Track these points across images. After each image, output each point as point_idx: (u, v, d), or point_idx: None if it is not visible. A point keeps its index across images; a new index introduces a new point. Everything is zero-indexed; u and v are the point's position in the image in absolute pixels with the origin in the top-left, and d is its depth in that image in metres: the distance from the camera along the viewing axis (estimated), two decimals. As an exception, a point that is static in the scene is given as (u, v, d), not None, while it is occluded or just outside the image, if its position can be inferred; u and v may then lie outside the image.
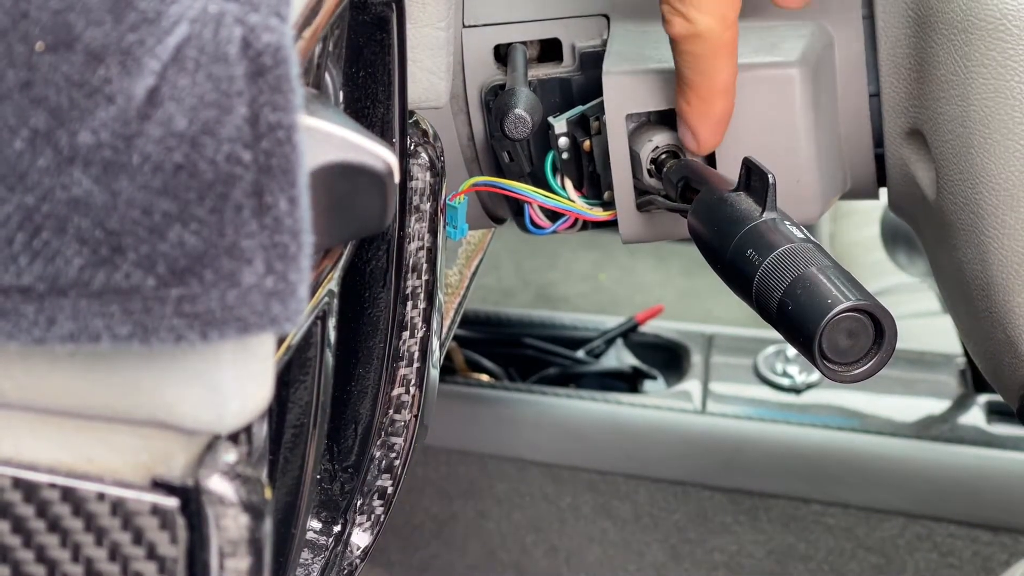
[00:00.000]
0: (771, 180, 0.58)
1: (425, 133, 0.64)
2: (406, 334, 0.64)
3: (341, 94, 0.58)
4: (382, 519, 0.65)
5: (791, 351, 1.28)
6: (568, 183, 0.72)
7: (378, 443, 0.65)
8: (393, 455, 0.65)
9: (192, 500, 0.41)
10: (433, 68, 0.63)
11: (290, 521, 0.58)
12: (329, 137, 0.42)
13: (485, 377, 1.32)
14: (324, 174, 0.42)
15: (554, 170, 0.72)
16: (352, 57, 0.59)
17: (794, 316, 0.54)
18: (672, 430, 1.23)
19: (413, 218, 0.64)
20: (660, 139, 0.68)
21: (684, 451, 1.22)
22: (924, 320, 1.39)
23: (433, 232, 0.64)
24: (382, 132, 0.60)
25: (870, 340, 0.54)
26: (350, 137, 0.42)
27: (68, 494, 0.41)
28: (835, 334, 0.53)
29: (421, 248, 0.64)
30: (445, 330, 0.78)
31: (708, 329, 1.36)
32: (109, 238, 0.36)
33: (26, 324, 0.37)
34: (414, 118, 0.64)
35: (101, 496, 0.41)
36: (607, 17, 0.72)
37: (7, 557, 0.41)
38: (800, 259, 0.55)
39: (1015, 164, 0.65)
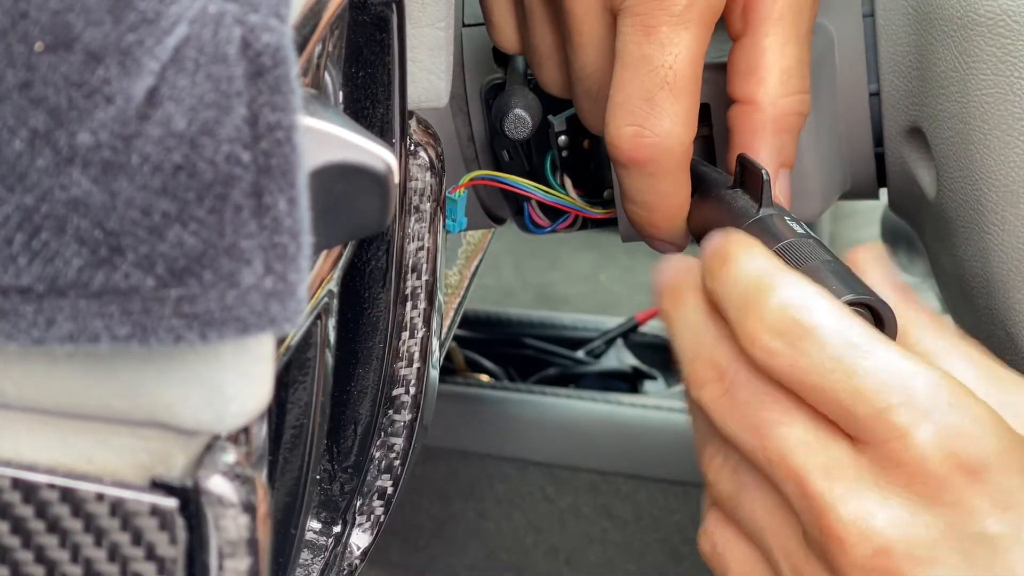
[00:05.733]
0: (765, 176, 0.58)
1: (425, 133, 0.64)
2: (406, 334, 0.64)
3: (341, 94, 0.58)
4: (382, 519, 0.65)
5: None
6: (568, 181, 0.72)
7: (378, 443, 0.65)
8: (393, 455, 0.65)
9: (191, 501, 0.41)
10: (433, 68, 0.63)
11: (290, 521, 0.58)
12: (328, 137, 0.42)
13: (485, 377, 1.32)
14: (323, 174, 0.42)
15: (554, 168, 0.72)
16: (352, 57, 0.59)
17: None
18: (672, 430, 1.23)
19: (413, 218, 0.64)
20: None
21: (684, 451, 1.22)
22: (924, 320, 1.39)
23: (433, 232, 0.64)
24: (382, 132, 0.60)
25: None
26: (350, 137, 0.42)
27: (67, 495, 0.41)
28: None
29: (421, 248, 0.64)
30: (445, 330, 0.78)
31: (708, 329, 1.36)
32: (108, 238, 0.36)
33: (25, 325, 0.37)
34: (414, 118, 0.64)
35: (100, 497, 0.41)
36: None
37: (6, 558, 0.41)
38: (799, 254, 0.55)
39: (1015, 160, 0.65)
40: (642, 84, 0.60)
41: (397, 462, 0.65)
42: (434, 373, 0.67)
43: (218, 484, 0.41)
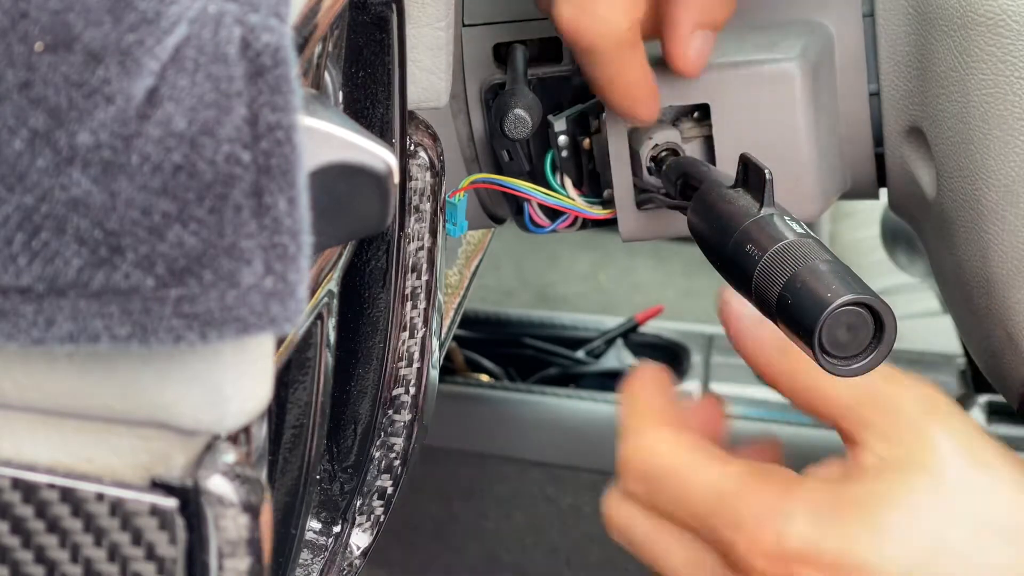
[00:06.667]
0: (768, 176, 0.58)
1: (425, 133, 0.64)
2: (405, 334, 0.64)
3: (341, 94, 0.58)
4: (382, 519, 0.65)
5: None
6: (568, 181, 0.72)
7: (378, 443, 0.65)
8: (393, 455, 0.65)
9: (191, 500, 0.41)
10: (433, 68, 0.63)
11: (290, 521, 0.58)
12: (328, 137, 0.42)
13: (485, 377, 1.32)
14: (323, 174, 0.42)
15: (554, 168, 0.72)
16: (352, 57, 0.59)
17: (794, 310, 0.54)
18: (672, 430, 1.22)
19: (413, 218, 0.64)
20: (660, 137, 0.68)
21: (684, 451, 1.22)
22: (924, 320, 1.39)
23: (433, 232, 0.64)
24: (382, 132, 0.60)
25: (870, 334, 0.54)
26: (350, 137, 0.42)
27: (67, 494, 0.41)
28: (835, 328, 0.53)
29: (421, 248, 0.64)
30: (445, 330, 0.78)
31: (708, 329, 1.36)
32: (108, 238, 0.36)
33: (25, 325, 0.37)
34: (414, 118, 0.64)
35: (100, 496, 0.41)
36: (606, 16, 0.72)
37: (6, 557, 0.41)
38: (799, 254, 0.55)
39: (1015, 160, 0.65)
40: None
41: (397, 462, 0.65)
42: (434, 373, 0.67)
43: (218, 484, 0.41)
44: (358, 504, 0.64)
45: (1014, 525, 0.60)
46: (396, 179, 0.44)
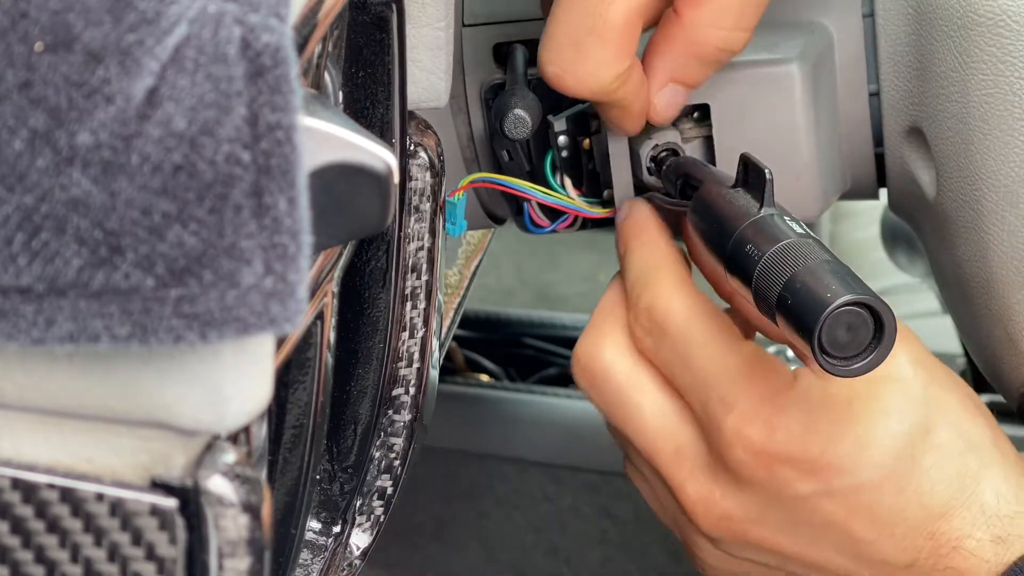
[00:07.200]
0: (768, 176, 0.58)
1: (425, 133, 0.64)
2: (405, 334, 0.64)
3: (341, 94, 0.59)
4: (382, 519, 0.65)
5: (791, 351, 1.28)
6: (568, 181, 0.72)
7: (377, 443, 0.65)
8: (393, 455, 0.65)
9: (191, 501, 0.41)
10: (433, 68, 0.63)
11: (289, 521, 0.58)
12: (328, 137, 0.42)
13: (485, 377, 1.32)
14: (323, 174, 0.42)
15: (554, 169, 0.72)
16: (352, 57, 0.59)
17: (794, 310, 0.54)
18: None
19: (413, 218, 0.64)
20: (660, 137, 0.68)
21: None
22: (924, 320, 1.39)
23: (433, 232, 0.64)
24: (382, 132, 0.60)
25: (869, 334, 0.54)
26: (349, 137, 0.42)
27: (67, 495, 0.41)
28: (835, 328, 0.53)
29: (421, 248, 0.64)
30: (445, 330, 0.78)
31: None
32: (108, 238, 0.36)
33: (25, 325, 0.37)
34: (414, 118, 0.64)
35: (100, 497, 0.41)
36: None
37: (6, 557, 0.41)
38: (799, 254, 0.55)
39: (1015, 160, 0.65)
40: (572, 26, 0.61)
41: (397, 462, 0.65)
42: (434, 373, 0.67)
43: (218, 484, 0.41)
44: (358, 504, 0.64)
45: (965, 443, 0.64)
46: (396, 179, 0.44)
